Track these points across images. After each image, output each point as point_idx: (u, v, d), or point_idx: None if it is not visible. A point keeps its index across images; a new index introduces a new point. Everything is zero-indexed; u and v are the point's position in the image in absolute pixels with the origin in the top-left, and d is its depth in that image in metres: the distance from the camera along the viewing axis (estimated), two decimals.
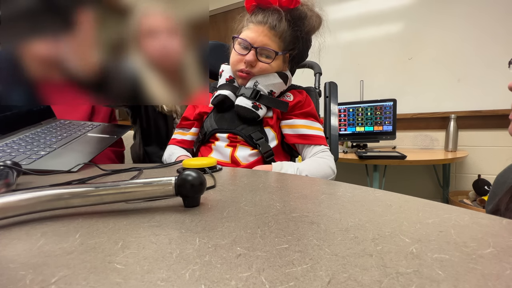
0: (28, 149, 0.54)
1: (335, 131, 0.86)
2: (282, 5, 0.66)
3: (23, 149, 0.53)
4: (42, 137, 0.61)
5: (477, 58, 1.67)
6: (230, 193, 0.32)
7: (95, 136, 0.66)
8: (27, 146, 0.55)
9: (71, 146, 0.58)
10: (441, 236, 0.19)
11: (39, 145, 0.56)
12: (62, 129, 0.67)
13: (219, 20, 2.67)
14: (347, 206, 0.26)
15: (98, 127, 0.72)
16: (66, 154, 0.54)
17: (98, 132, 0.68)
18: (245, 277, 0.15)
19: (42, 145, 0.56)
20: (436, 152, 1.72)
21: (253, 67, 0.68)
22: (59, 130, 0.67)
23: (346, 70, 2.03)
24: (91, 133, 0.67)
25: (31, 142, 0.58)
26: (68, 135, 0.64)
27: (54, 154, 0.53)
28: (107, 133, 0.68)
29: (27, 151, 0.53)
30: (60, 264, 0.17)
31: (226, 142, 0.69)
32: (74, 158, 0.52)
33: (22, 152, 0.52)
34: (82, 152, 0.55)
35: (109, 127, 0.74)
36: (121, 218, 0.24)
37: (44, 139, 0.60)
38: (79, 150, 0.56)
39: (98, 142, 0.62)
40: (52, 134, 0.63)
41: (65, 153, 0.54)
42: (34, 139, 0.59)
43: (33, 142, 0.58)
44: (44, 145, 0.57)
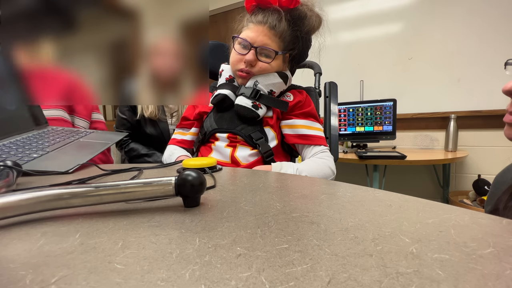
0: (19, 151, 0.52)
1: (335, 131, 0.86)
2: (282, 5, 0.66)
3: (14, 152, 0.52)
4: (34, 141, 0.59)
5: (477, 58, 1.67)
6: (230, 193, 0.32)
7: (89, 141, 0.65)
8: (18, 149, 0.54)
9: (64, 150, 0.57)
10: (441, 236, 0.19)
11: (31, 148, 0.55)
12: (55, 135, 0.66)
13: (219, 20, 2.67)
14: (347, 206, 0.26)
15: (92, 134, 0.71)
16: (60, 156, 0.53)
17: (91, 138, 0.68)
18: (245, 277, 0.15)
19: (34, 148, 0.55)
20: (436, 152, 1.72)
21: (253, 66, 0.68)
22: (51, 136, 0.65)
23: (346, 70, 2.03)
24: (84, 139, 0.66)
25: (23, 145, 0.56)
26: (61, 140, 0.63)
27: (47, 157, 0.52)
28: (101, 139, 0.67)
29: (18, 154, 0.51)
30: (60, 264, 0.17)
31: (226, 142, 0.69)
32: (69, 160, 0.51)
33: (13, 154, 0.50)
34: (77, 155, 0.54)
35: (103, 134, 0.73)
36: (121, 218, 0.24)
37: (36, 143, 0.58)
38: (73, 154, 0.55)
39: (92, 147, 0.61)
40: (44, 139, 0.62)
41: (59, 156, 0.53)
42: (26, 143, 0.58)
43: (25, 146, 0.56)
44: (37, 148, 0.55)
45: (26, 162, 0.48)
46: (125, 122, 1.16)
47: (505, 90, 0.40)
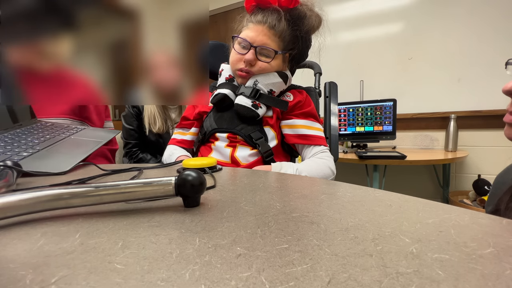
0: (8, 149, 0.50)
1: (335, 131, 0.86)
2: (282, 5, 0.66)
3: (2, 149, 0.49)
4: (23, 138, 0.56)
5: (477, 58, 1.67)
6: (230, 193, 0.32)
7: (80, 139, 0.63)
8: (6, 146, 0.51)
9: (56, 148, 0.55)
10: (441, 236, 0.19)
11: (20, 146, 0.52)
12: (44, 131, 0.64)
13: (219, 20, 2.67)
14: (347, 206, 0.26)
15: (82, 130, 0.69)
16: (52, 156, 0.51)
17: (82, 135, 0.66)
18: (245, 277, 0.15)
19: (23, 146, 0.52)
20: (436, 152, 1.72)
21: (253, 66, 0.68)
22: (40, 132, 0.62)
23: (346, 70, 2.03)
24: (75, 136, 0.64)
25: (11, 142, 0.53)
26: (52, 137, 0.60)
27: (38, 156, 0.50)
28: (92, 137, 0.66)
29: (7, 152, 0.48)
30: (60, 264, 0.17)
31: (226, 142, 0.69)
32: (62, 160, 0.49)
33: (1, 153, 0.48)
34: (70, 154, 0.52)
35: (94, 131, 0.71)
36: (121, 218, 0.24)
37: (26, 140, 0.56)
38: (66, 152, 0.53)
39: (84, 145, 0.59)
40: (33, 135, 0.59)
41: (50, 155, 0.51)
42: (14, 140, 0.55)
43: (13, 143, 0.53)
44: (26, 146, 0.53)
45: (17, 161, 0.47)
46: (133, 132, 1.16)
47: (505, 90, 0.40)
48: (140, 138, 1.18)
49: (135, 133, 1.17)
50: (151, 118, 1.13)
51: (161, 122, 1.13)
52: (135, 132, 1.16)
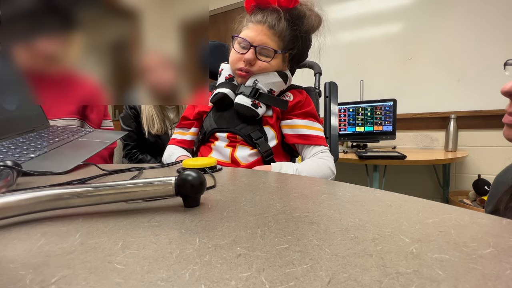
0: (17, 151, 0.52)
1: (335, 131, 0.86)
2: (281, 4, 0.66)
3: (11, 152, 0.51)
4: (33, 141, 0.59)
5: (477, 58, 1.67)
6: (230, 193, 0.32)
7: (87, 140, 0.64)
8: (16, 149, 0.53)
9: (61, 150, 0.56)
10: (441, 236, 0.19)
11: (29, 149, 0.55)
12: (55, 134, 0.66)
13: (219, 20, 2.67)
14: (347, 206, 0.26)
15: (91, 133, 0.71)
16: (57, 156, 0.52)
17: (90, 137, 0.67)
18: (245, 277, 0.15)
19: (32, 148, 0.55)
20: (436, 152, 1.72)
21: (253, 65, 0.68)
22: (51, 135, 0.65)
23: (346, 70, 2.03)
24: (83, 138, 0.66)
25: (21, 145, 0.56)
26: (60, 139, 0.62)
27: (45, 157, 0.51)
28: (99, 139, 0.67)
29: (16, 154, 0.51)
30: (60, 264, 0.17)
31: (225, 142, 0.69)
32: (66, 160, 0.50)
33: (10, 155, 0.50)
34: (73, 155, 0.54)
35: (101, 133, 0.73)
36: (121, 218, 0.24)
37: (35, 143, 0.58)
38: (69, 153, 0.55)
39: (89, 146, 0.61)
40: (43, 138, 0.62)
41: (56, 155, 0.53)
42: (25, 143, 0.57)
43: (23, 146, 0.56)
44: (35, 148, 0.55)
45: (22, 162, 0.47)
46: (132, 134, 1.16)
47: (503, 91, 0.40)
48: (139, 140, 1.17)
49: (134, 135, 1.16)
50: (149, 120, 1.12)
51: (159, 123, 1.13)
52: (133, 134, 1.16)
